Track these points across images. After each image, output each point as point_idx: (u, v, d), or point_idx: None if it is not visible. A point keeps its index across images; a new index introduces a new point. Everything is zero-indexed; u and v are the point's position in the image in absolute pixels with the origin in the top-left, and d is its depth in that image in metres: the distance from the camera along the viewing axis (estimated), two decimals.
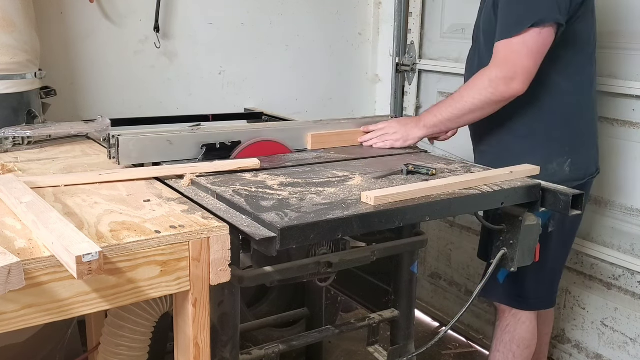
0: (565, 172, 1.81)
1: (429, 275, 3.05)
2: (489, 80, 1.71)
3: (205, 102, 2.53)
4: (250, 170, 1.55)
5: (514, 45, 1.68)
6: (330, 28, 2.85)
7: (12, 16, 1.76)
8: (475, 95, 1.74)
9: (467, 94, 1.76)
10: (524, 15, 1.67)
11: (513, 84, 1.68)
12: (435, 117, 1.84)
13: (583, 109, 1.86)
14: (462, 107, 1.77)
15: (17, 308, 0.96)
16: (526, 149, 1.81)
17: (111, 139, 1.56)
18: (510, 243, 1.56)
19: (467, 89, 1.77)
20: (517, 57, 1.68)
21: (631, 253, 2.21)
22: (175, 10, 2.40)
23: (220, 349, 1.33)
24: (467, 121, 1.82)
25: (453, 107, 1.79)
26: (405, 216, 1.30)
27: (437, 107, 1.86)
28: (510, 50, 1.69)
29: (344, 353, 2.64)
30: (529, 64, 1.68)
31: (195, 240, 1.11)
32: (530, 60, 1.68)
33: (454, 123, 1.84)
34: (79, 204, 1.24)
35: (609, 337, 2.32)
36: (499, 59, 1.72)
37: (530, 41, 1.67)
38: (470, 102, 1.75)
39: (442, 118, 1.82)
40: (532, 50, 1.67)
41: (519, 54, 1.67)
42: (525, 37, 1.66)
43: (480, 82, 1.73)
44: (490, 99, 1.72)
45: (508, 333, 1.96)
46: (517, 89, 1.69)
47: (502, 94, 1.70)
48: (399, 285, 1.73)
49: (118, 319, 1.54)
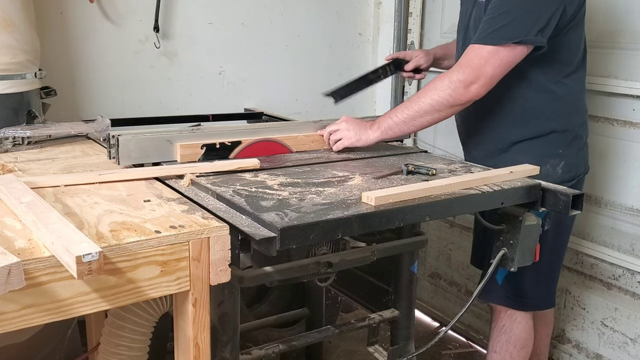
0: (558, 174, 1.80)
1: (429, 275, 3.05)
2: (448, 82, 1.68)
3: (205, 102, 2.53)
4: (250, 170, 1.55)
5: (484, 52, 1.65)
6: (330, 28, 2.85)
7: (12, 16, 1.76)
8: (432, 95, 1.70)
9: (425, 94, 1.72)
10: (506, 30, 1.64)
11: (472, 87, 1.65)
12: (390, 119, 1.76)
13: (575, 111, 1.85)
14: (417, 109, 1.72)
15: (17, 308, 0.96)
16: (520, 152, 1.80)
17: (111, 139, 1.56)
18: (510, 243, 1.56)
19: (425, 90, 1.73)
20: (484, 64, 1.65)
21: (631, 253, 2.21)
22: (175, 10, 2.40)
23: (220, 349, 1.33)
24: (422, 124, 1.76)
25: (409, 109, 1.74)
26: (405, 216, 1.30)
27: (393, 110, 1.80)
28: (479, 55, 1.66)
29: (344, 353, 2.64)
30: (494, 73, 1.65)
31: (195, 240, 1.11)
32: (496, 70, 1.65)
33: (409, 126, 1.76)
34: (79, 204, 1.24)
35: (609, 337, 2.32)
36: (464, 61, 1.68)
37: (502, 53, 1.64)
38: (426, 103, 1.70)
39: (397, 120, 1.75)
40: (502, 62, 1.65)
41: (487, 61, 1.65)
42: (499, 49, 1.64)
43: (440, 83, 1.70)
44: (447, 100, 1.68)
45: (504, 333, 1.96)
46: (475, 94, 1.67)
47: (460, 96, 1.67)
48: (399, 285, 1.73)
49: (118, 319, 1.53)
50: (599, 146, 2.22)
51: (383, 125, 1.78)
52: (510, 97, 1.81)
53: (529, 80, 1.78)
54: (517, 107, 1.82)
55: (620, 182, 2.21)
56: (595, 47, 2.11)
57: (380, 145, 1.94)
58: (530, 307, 1.96)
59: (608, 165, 2.22)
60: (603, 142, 2.21)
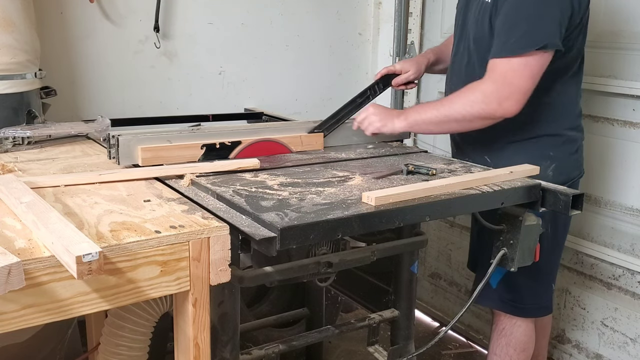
0: (549, 176, 1.77)
1: (429, 275, 3.05)
2: (482, 95, 1.65)
3: (205, 102, 2.53)
4: (250, 170, 1.55)
5: (514, 64, 1.62)
6: (330, 28, 2.85)
7: (12, 16, 1.76)
8: (465, 106, 1.67)
9: (458, 101, 1.69)
10: (529, 37, 1.61)
11: (506, 103, 1.62)
12: (419, 114, 1.76)
13: (567, 115, 1.83)
14: (448, 114, 1.70)
15: (17, 308, 0.96)
16: (511, 154, 1.79)
17: (111, 139, 1.56)
18: (510, 243, 1.56)
19: (458, 97, 1.70)
20: (516, 77, 1.62)
21: (631, 253, 2.21)
22: (175, 10, 2.40)
23: (220, 349, 1.33)
24: (449, 129, 1.76)
25: (439, 112, 1.72)
26: (405, 216, 1.30)
27: (423, 106, 1.80)
28: (510, 68, 1.62)
29: (344, 353, 2.64)
30: (527, 85, 1.63)
31: (195, 240, 1.11)
32: (529, 81, 1.62)
33: (436, 127, 1.76)
34: (79, 204, 1.24)
35: (609, 337, 2.32)
36: (496, 75, 1.65)
37: (532, 63, 1.61)
38: (457, 112, 1.68)
39: (425, 118, 1.74)
40: (533, 72, 1.62)
41: (520, 74, 1.62)
42: (528, 59, 1.61)
43: (473, 94, 1.66)
44: (480, 114, 1.66)
45: (504, 336, 1.95)
46: (510, 110, 1.64)
47: (494, 111, 1.64)
48: (399, 285, 1.73)
49: (118, 319, 1.53)
50: (598, 146, 2.22)
51: (410, 119, 1.77)
52: None
53: None
54: None
55: (620, 182, 2.21)
56: (595, 47, 2.11)
57: (381, 145, 1.95)
58: (529, 314, 1.94)
59: (608, 165, 2.22)
60: (603, 142, 2.21)
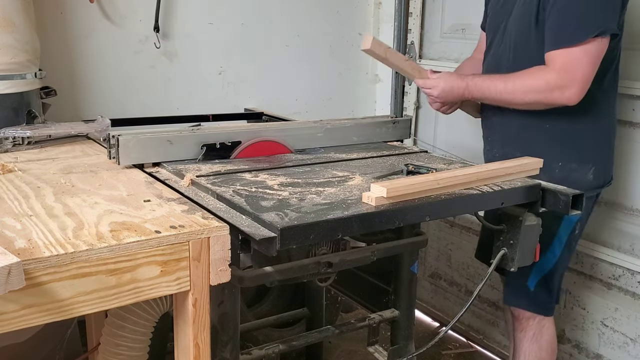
0: (589, 180, 1.79)
1: (429, 275, 3.05)
2: (545, 83, 1.67)
3: (205, 102, 2.53)
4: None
5: (574, 53, 1.63)
6: (330, 28, 2.85)
7: (12, 16, 1.76)
8: (528, 91, 1.70)
9: (521, 85, 1.72)
10: (586, 23, 1.62)
11: (568, 91, 1.65)
12: (481, 92, 1.80)
13: (608, 116, 1.85)
14: (510, 95, 1.73)
15: (17, 308, 0.96)
16: (553, 156, 1.78)
17: (111, 139, 1.56)
18: (510, 243, 1.56)
19: (521, 80, 1.72)
20: (578, 65, 1.63)
21: (631, 253, 2.21)
22: (175, 10, 2.40)
23: (220, 349, 1.33)
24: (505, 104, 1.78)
25: (501, 90, 1.75)
26: (405, 216, 1.30)
27: (485, 82, 1.80)
28: (571, 57, 1.64)
29: (344, 353, 2.64)
30: (588, 72, 1.64)
31: (195, 241, 1.11)
32: (590, 68, 1.64)
33: (493, 102, 1.80)
34: (79, 204, 1.24)
35: (609, 337, 2.32)
36: (558, 66, 1.66)
37: (592, 50, 1.63)
38: (520, 96, 1.72)
39: (487, 95, 1.79)
40: (593, 59, 1.64)
41: (580, 62, 1.63)
42: (587, 46, 1.62)
43: (536, 81, 1.69)
44: (541, 101, 1.69)
45: (536, 342, 1.93)
46: (572, 99, 1.66)
47: (556, 99, 1.67)
48: (399, 285, 1.73)
49: (118, 319, 1.53)
50: None
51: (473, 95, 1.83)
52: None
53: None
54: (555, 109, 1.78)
55: (620, 182, 2.20)
56: None
57: (381, 145, 1.95)
58: (553, 311, 1.95)
59: None
60: None
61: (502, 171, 1.51)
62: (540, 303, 1.92)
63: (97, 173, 1.51)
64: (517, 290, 1.93)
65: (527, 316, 1.94)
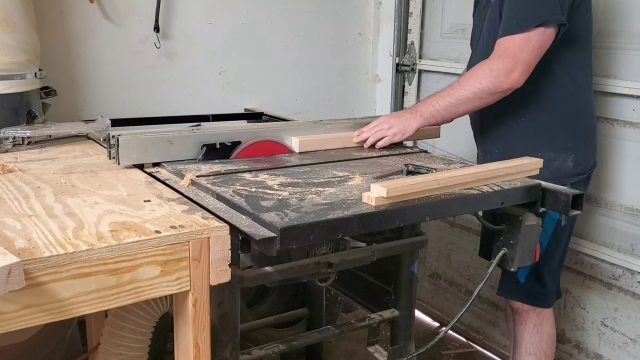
0: (569, 167, 1.84)
1: (429, 275, 3.05)
2: (489, 70, 1.73)
3: (205, 102, 2.53)
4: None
5: (516, 40, 1.71)
6: (330, 28, 2.85)
7: (12, 16, 1.76)
8: (474, 83, 1.75)
9: (466, 82, 1.77)
10: (529, 15, 1.70)
11: (512, 74, 1.70)
12: (432, 106, 1.83)
13: (584, 104, 1.89)
14: (460, 96, 1.77)
15: (17, 308, 0.96)
16: (531, 147, 1.83)
17: (111, 139, 1.56)
18: (510, 243, 1.56)
19: (466, 78, 1.79)
20: (519, 50, 1.70)
21: (631, 253, 2.21)
22: (175, 10, 2.40)
23: (220, 349, 1.33)
24: (464, 111, 1.82)
25: (451, 96, 1.79)
26: (405, 216, 1.30)
27: (433, 97, 1.85)
28: (512, 43, 1.71)
29: (344, 353, 2.64)
30: (529, 57, 1.71)
31: (195, 241, 1.11)
32: (531, 55, 1.71)
33: (451, 112, 1.82)
34: (79, 204, 1.24)
35: (609, 337, 2.32)
36: (500, 51, 1.74)
37: (533, 38, 1.70)
38: (469, 91, 1.76)
39: (439, 107, 1.81)
40: (535, 46, 1.70)
41: (521, 47, 1.70)
42: (529, 35, 1.69)
43: (480, 71, 1.75)
44: (489, 87, 1.73)
45: (537, 333, 1.97)
46: (516, 81, 1.71)
47: (502, 83, 1.72)
48: (399, 285, 1.73)
49: (118, 319, 1.53)
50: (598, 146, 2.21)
51: (425, 114, 1.84)
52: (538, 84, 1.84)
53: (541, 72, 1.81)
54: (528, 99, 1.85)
55: (620, 182, 2.21)
56: (595, 47, 2.10)
57: None
58: (551, 303, 1.99)
59: (608, 165, 2.22)
60: (603, 142, 2.21)
61: (502, 171, 1.51)
62: (534, 295, 1.95)
63: (97, 173, 1.51)
64: (509, 283, 1.97)
65: (526, 309, 1.97)
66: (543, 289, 1.95)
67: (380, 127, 1.87)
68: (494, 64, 1.73)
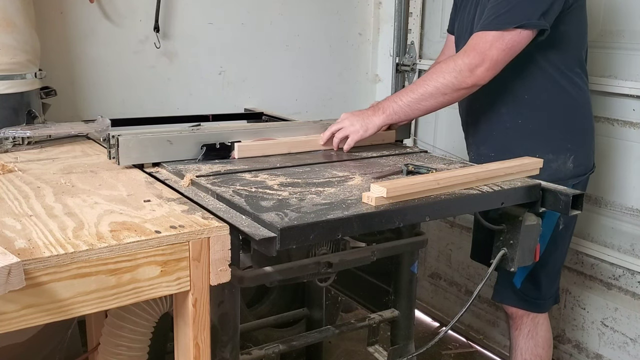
0: (569, 169, 1.82)
1: (429, 275, 3.05)
2: (454, 65, 1.69)
3: (205, 102, 2.53)
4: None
5: (488, 37, 1.66)
6: (330, 28, 2.85)
7: (12, 16, 1.76)
8: (438, 79, 1.70)
9: (430, 78, 1.72)
10: (509, 15, 1.65)
11: (477, 70, 1.66)
12: (395, 102, 1.77)
13: (581, 105, 1.87)
14: (423, 92, 1.72)
15: (17, 308, 0.96)
16: (529, 149, 1.80)
17: (111, 139, 1.56)
18: (510, 243, 1.56)
19: (430, 74, 1.74)
20: (488, 47, 1.65)
21: (631, 253, 2.21)
22: (175, 10, 2.40)
23: (220, 349, 1.32)
24: (427, 108, 1.76)
25: (414, 92, 1.74)
26: (405, 216, 1.30)
27: (397, 94, 1.81)
28: (484, 40, 1.67)
29: (344, 353, 2.64)
30: (499, 56, 1.66)
31: (195, 241, 1.11)
32: (501, 53, 1.66)
33: (414, 109, 1.76)
34: (78, 204, 1.24)
35: (609, 337, 2.32)
36: (469, 47, 1.69)
37: (507, 37, 1.65)
38: (432, 86, 1.71)
39: (402, 104, 1.76)
40: (507, 45, 1.66)
41: (492, 44, 1.65)
42: (503, 33, 1.65)
43: (446, 66, 1.70)
44: (452, 83, 1.68)
45: (531, 338, 1.95)
46: (480, 77, 1.67)
47: (465, 79, 1.67)
48: (399, 285, 1.73)
49: (118, 319, 1.53)
50: (598, 146, 2.20)
51: (388, 110, 1.77)
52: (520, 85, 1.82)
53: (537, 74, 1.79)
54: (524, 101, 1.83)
55: (620, 182, 2.21)
56: (595, 47, 2.11)
57: (381, 145, 1.95)
58: (546, 308, 1.96)
59: (608, 165, 2.22)
60: (603, 142, 2.21)
61: (502, 171, 1.51)
62: (530, 300, 1.93)
63: (97, 173, 1.51)
64: (504, 288, 1.95)
65: (521, 314, 1.95)
66: (539, 294, 1.92)
67: (341, 124, 1.82)
68: (459, 60, 1.68)
